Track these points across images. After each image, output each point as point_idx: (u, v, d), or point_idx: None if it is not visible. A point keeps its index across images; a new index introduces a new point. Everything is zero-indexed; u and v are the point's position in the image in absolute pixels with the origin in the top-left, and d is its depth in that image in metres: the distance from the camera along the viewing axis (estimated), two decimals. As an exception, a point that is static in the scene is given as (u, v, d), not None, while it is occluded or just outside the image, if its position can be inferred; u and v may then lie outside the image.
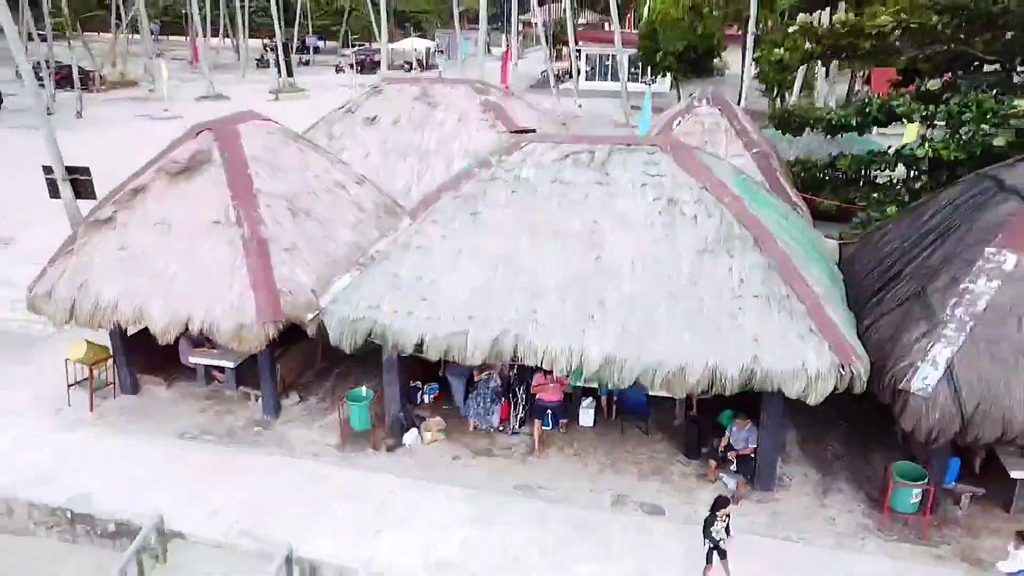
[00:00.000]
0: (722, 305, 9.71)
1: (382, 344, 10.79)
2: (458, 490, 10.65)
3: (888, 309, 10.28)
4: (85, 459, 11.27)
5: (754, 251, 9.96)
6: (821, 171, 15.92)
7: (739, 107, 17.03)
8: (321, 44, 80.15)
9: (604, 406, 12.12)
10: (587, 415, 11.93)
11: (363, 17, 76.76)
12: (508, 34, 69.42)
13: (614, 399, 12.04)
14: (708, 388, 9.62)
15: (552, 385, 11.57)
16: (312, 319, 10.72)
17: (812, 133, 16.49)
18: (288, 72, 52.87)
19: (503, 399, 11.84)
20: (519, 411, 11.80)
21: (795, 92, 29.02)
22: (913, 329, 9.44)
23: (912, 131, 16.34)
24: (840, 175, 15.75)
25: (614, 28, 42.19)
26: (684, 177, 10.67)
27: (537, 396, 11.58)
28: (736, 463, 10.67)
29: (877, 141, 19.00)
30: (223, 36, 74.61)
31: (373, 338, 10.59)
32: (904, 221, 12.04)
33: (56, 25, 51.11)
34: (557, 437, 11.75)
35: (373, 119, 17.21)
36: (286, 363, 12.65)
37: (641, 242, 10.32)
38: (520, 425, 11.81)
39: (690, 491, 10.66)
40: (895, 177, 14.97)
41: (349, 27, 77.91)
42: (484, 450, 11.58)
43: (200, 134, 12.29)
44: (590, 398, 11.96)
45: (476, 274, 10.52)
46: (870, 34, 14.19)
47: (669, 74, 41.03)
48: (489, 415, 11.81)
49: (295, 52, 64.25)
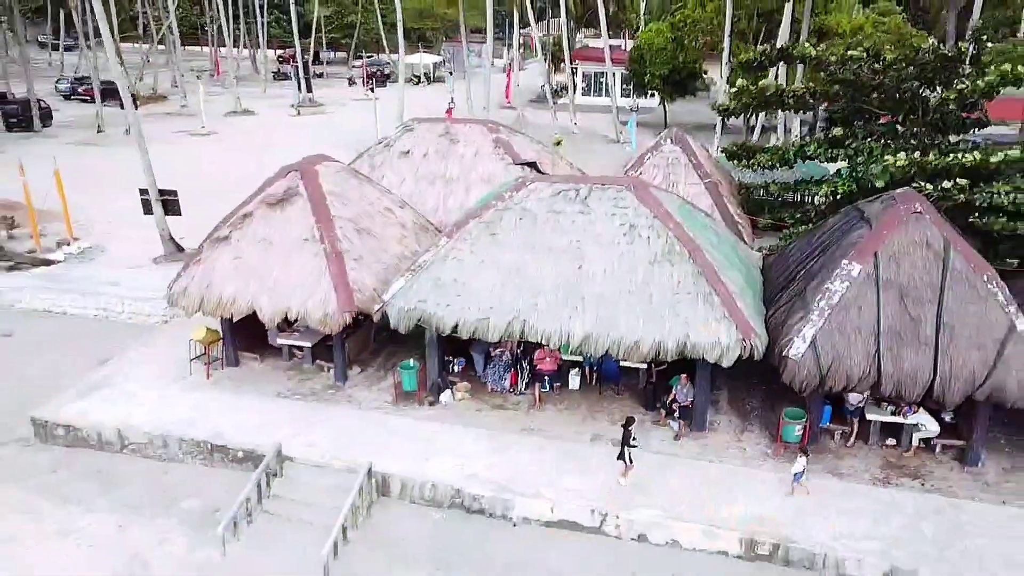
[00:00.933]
0: (665, 299, 14.06)
1: (426, 327, 15.15)
2: (480, 431, 15.01)
3: (784, 303, 14.65)
4: (212, 410, 15.64)
5: (689, 262, 14.31)
6: (759, 194, 20.20)
7: (696, 144, 21.26)
8: (331, 55, 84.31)
9: (587, 374, 16.47)
10: (574, 380, 16.28)
11: (372, 31, 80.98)
12: (509, 47, 73.57)
13: (594, 369, 16.39)
14: (656, 356, 14.01)
15: (548, 359, 15.93)
16: (378, 310, 15.08)
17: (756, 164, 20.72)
18: (308, 88, 56.94)
19: (512, 368, 16.20)
20: (524, 377, 16.16)
21: (757, 127, 33.20)
22: (795, 316, 13.79)
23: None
24: (773, 198, 20.01)
25: (604, 49, 46.25)
26: (642, 208, 15.02)
27: (537, 366, 15.94)
28: (679, 412, 15.03)
29: (825, 167, 23.14)
30: (242, 47, 78.53)
31: (421, 323, 14.95)
32: (804, 239, 16.42)
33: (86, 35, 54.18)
34: (552, 396, 16.10)
35: (407, 152, 21.58)
36: (350, 344, 16.97)
37: (610, 255, 14.67)
38: (525, 387, 16.17)
39: (647, 432, 14.96)
40: (820, 199, 19.20)
41: (360, 40, 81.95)
42: (498, 405, 15.94)
43: (289, 174, 16.68)
44: (576, 368, 16.30)
45: (494, 277, 14.86)
46: (792, 94, 18.58)
47: (657, 93, 45.31)
48: (502, 380, 16.18)
49: (312, 62, 67.86)
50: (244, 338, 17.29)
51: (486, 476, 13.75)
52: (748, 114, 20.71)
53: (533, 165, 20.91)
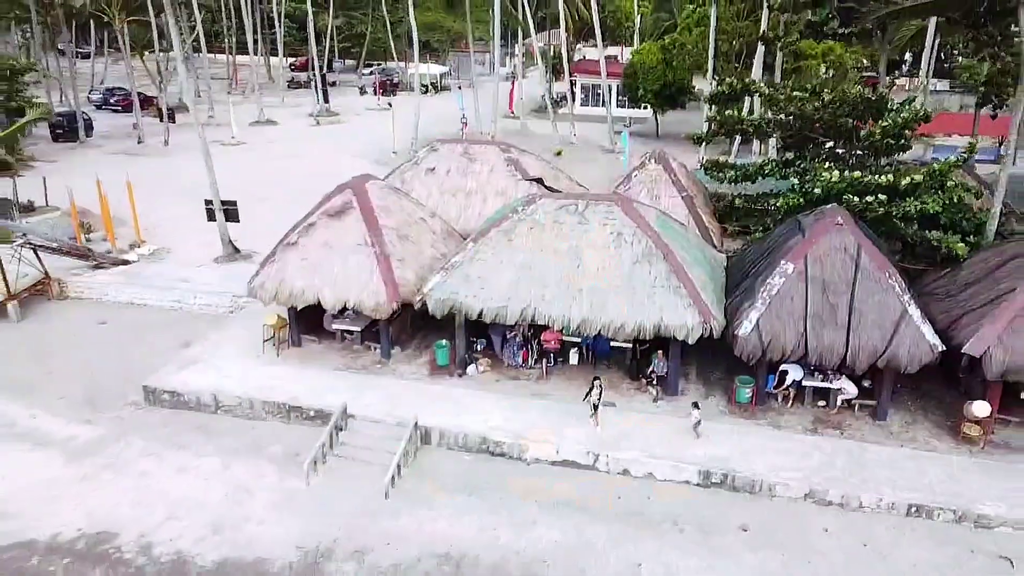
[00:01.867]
0: (644, 291, 18.06)
1: (456, 313, 19.13)
2: (500, 396, 19.01)
3: (738, 293, 18.67)
4: (285, 380, 19.65)
5: (663, 262, 18.30)
6: (729, 205, 24.11)
7: (675, 162, 25.19)
8: (341, 64, 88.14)
9: (584, 351, 20.46)
10: (574, 357, 20.29)
11: (382, 41, 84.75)
12: (512, 56, 77.31)
13: (590, 347, 20.37)
14: (637, 336, 18.00)
15: (553, 339, 19.92)
16: (420, 300, 19.08)
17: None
18: (325, 98, 60.79)
19: (524, 347, 20.20)
20: (534, 354, 20.17)
21: (736, 143, 37.15)
22: (745, 304, 17.80)
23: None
24: (739, 208, 23.90)
25: (600, 63, 50.13)
26: (627, 220, 19.01)
27: (544, 345, 19.93)
28: (657, 380, 19.02)
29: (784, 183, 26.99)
30: (258, 56, 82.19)
31: (453, 310, 18.94)
32: (758, 243, 20.42)
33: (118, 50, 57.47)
34: (556, 369, 20.10)
35: (432, 169, 25.55)
36: (393, 328, 20.96)
37: (602, 256, 18.66)
38: (534, 362, 20.16)
39: (631, 396, 19.00)
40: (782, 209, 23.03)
41: (370, 49, 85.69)
42: (513, 376, 19.94)
43: (344, 191, 20.67)
44: (575, 347, 20.29)
45: (511, 274, 18.84)
46: (751, 123, 22.57)
47: (649, 106, 49.31)
48: (516, 357, 20.19)
49: (326, 70, 71.45)
50: (304, 324, 21.30)
51: (505, 428, 17.76)
52: (721, 138, 24.62)
53: (539, 180, 24.90)
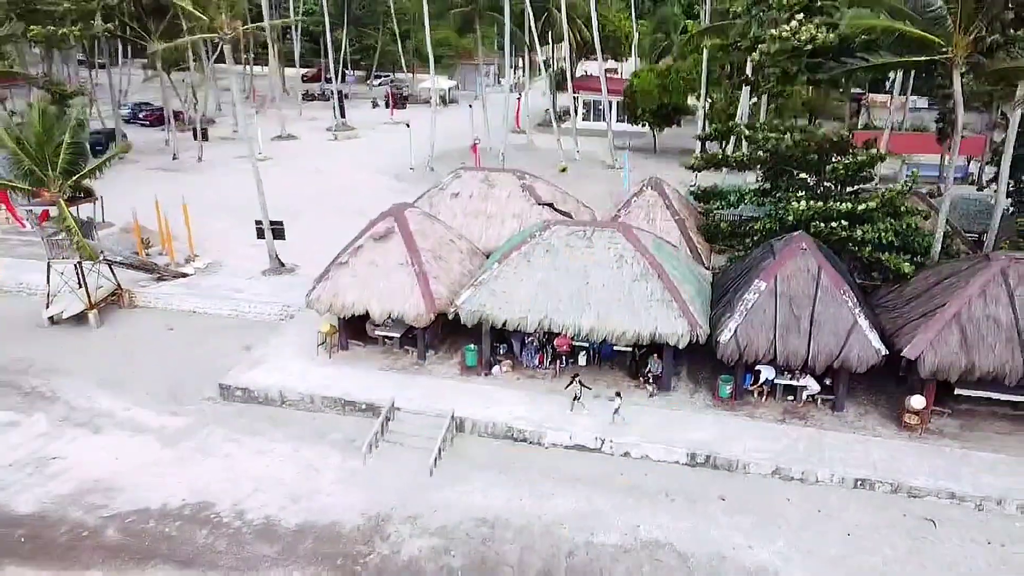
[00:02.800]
0: (642, 304, 21.65)
1: (484, 322, 22.71)
2: (520, 392, 22.60)
3: (721, 306, 22.27)
4: (339, 378, 23.23)
5: (657, 280, 21.89)
6: (715, 227, 27.63)
7: (669, 188, 28.68)
8: (353, 77, 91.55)
9: (591, 354, 24.05)
10: (583, 359, 23.88)
11: (391, 53, 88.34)
12: (517, 68, 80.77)
13: (596, 350, 23.97)
14: (636, 342, 21.61)
15: (565, 344, 23.51)
16: (454, 311, 22.67)
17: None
18: (341, 113, 64.24)
19: (540, 351, 23.80)
20: (548, 356, 23.77)
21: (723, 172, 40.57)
22: (726, 315, 21.41)
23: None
24: (724, 230, 27.40)
25: (600, 80, 53.42)
26: (627, 244, 22.62)
27: (557, 348, 23.52)
28: (653, 379, 22.62)
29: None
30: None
31: (481, 319, 22.53)
32: (738, 263, 24.02)
33: (151, 66, 59.75)
34: (567, 370, 23.69)
35: (456, 194, 29.12)
36: (428, 334, 24.53)
37: (606, 275, 22.24)
38: (549, 363, 23.76)
39: (630, 391, 22.60)
40: (759, 232, 26.49)
41: (380, 61, 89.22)
42: (531, 376, 23.53)
43: (387, 217, 24.26)
44: (584, 350, 23.88)
45: (530, 289, 22.42)
46: (734, 159, 26.18)
47: (647, 124, 52.90)
48: (533, 359, 23.79)
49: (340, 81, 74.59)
50: (350, 331, 24.89)
51: (526, 418, 21.37)
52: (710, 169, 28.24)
53: (551, 205, 28.49)
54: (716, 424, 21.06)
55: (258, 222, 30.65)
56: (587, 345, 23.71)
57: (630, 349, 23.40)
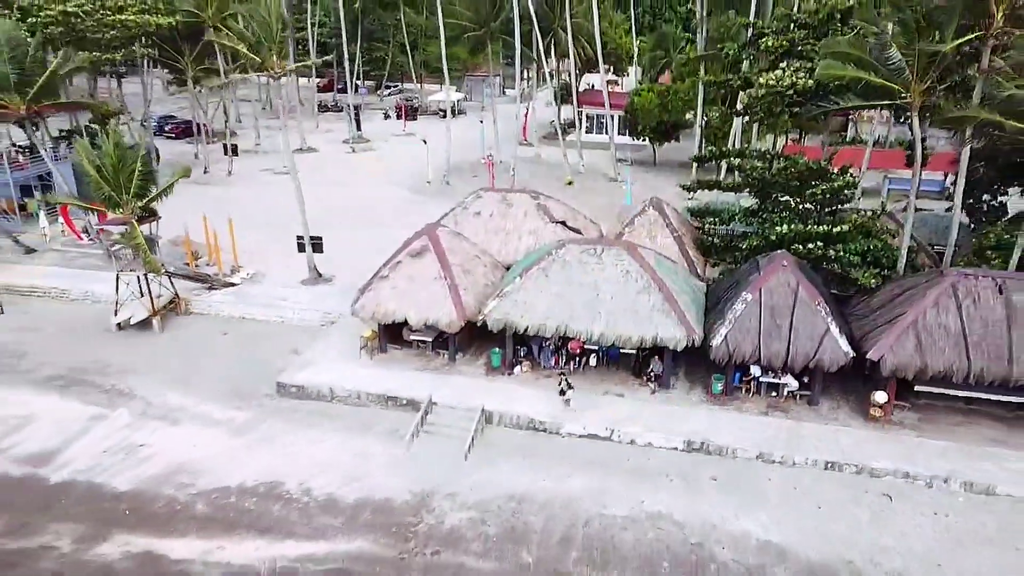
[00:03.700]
0: (645, 313, 25.07)
1: (507, 328, 26.12)
2: (539, 389, 26.01)
3: (714, 314, 25.71)
4: (380, 377, 26.63)
5: (659, 292, 25.32)
6: (710, 242, 31.04)
7: (669, 208, 32.11)
8: (364, 89, 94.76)
9: (600, 356, 27.46)
10: (593, 360, 27.30)
11: (400, 64, 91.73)
12: (525, 80, 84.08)
13: (604, 353, 27.38)
14: (640, 345, 25.05)
15: (577, 348, 26.92)
16: (482, 319, 26.08)
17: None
18: (357, 126, 67.56)
19: (556, 353, 27.22)
20: (563, 358, 27.20)
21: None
22: (718, 322, 24.83)
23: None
24: (717, 245, 30.79)
25: (604, 95, 56.80)
26: (632, 261, 26.04)
27: (571, 351, 26.95)
28: (655, 378, 26.06)
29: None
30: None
31: (505, 326, 25.95)
32: (729, 277, 27.45)
33: (179, 81, 62.41)
34: (579, 371, 27.11)
35: (478, 213, 32.54)
36: (457, 339, 27.93)
37: (614, 287, 25.67)
38: (564, 364, 27.18)
39: (635, 389, 26.03)
40: (747, 248, 29.84)
41: (390, 72, 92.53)
42: (547, 375, 26.94)
43: (421, 236, 27.68)
44: (594, 353, 27.29)
45: (547, 300, 25.83)
46: (727, 184, 29.60)
47: (647, 139, 56.33)
48: (550, 360, 27.22)
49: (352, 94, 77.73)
50: (388, 336, 28.30)
51: (545, 411, 24.79)
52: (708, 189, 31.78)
53: (563, 223, 31.91)
54: (709, 416, 24.50)
55: (299, 237, 34.02)
56: (597, 348, 27.09)
57: (634, 352, 26.79)
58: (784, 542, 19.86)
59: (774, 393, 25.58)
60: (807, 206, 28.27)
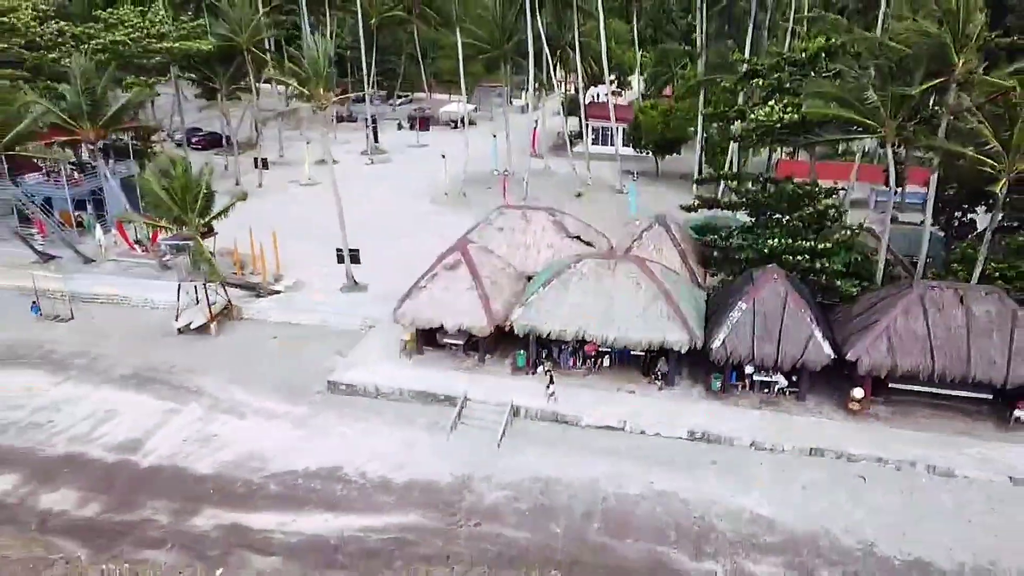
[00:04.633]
0: (653, 320, 28.64)
1: (531, 333, 29.68)
2: (559, 387, 29.56)
3: (715, 320, 29.29)
4: (419, 376, 30.20)
5: (665, 302, 28.89)
6: (710, 254, 34.59)
7: (674, 224, 35.64)
8: (379, 100, 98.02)
9: (613, 358, 31.00)
10: (607, 361, 30.86)
11: (411, 75, 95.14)
12: (533, 91, 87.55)
13: (617, 355, 30.93)
14: (649, 348, 28.64)
15: (593, 350, 30.48)
16: (509, 325, 29.64)
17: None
18: (375, 137, 70.94)
19: (574, 355, 30.79)
20: (580, 359, 30.77)
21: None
22: (717, 328, 28.41)
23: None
24: (717, 258, 34.34)
25: (609, 109, 60.27)
26: (642, 274, 29.60)
27: (587, 352, 30.51)
28: (661, 376, 29.63)
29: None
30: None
31: (530, 331, 29.51)
32: (726, 287, 31.05)
33: (206, 96, 65.65)
34: (595, 370, 30.66)
35: (501, 229, 36.10)
36: (487, 342, 31.44)
37: (626, 298, 29.22)
38: (581, 364, 30.75)
39: (644, 386, 29.60)
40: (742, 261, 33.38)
41: (402, 83, 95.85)
42: (567, 374, 30.48)
43: (454, 252, 31.25)
44: (607, 354, 30.84)
45: (567, 308, 29.36)
46: (724, 202, 33.28)
47: (651, 152, 59.95)
48: (568, 361, 30.80)
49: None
50: (424, 339, 31.86)
51: (566, 405, 28.34)
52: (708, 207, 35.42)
53: (578, 237, 35.48)
54: (709, 410, 28.08)
55: (339, 249, 37.56)
56: (610, 350, 30.63)
57: (643, 353, 30.32)
58: (773, 515, 23.45)
59: (766, 390, 29.13)
60: (796, 223, 31.81)
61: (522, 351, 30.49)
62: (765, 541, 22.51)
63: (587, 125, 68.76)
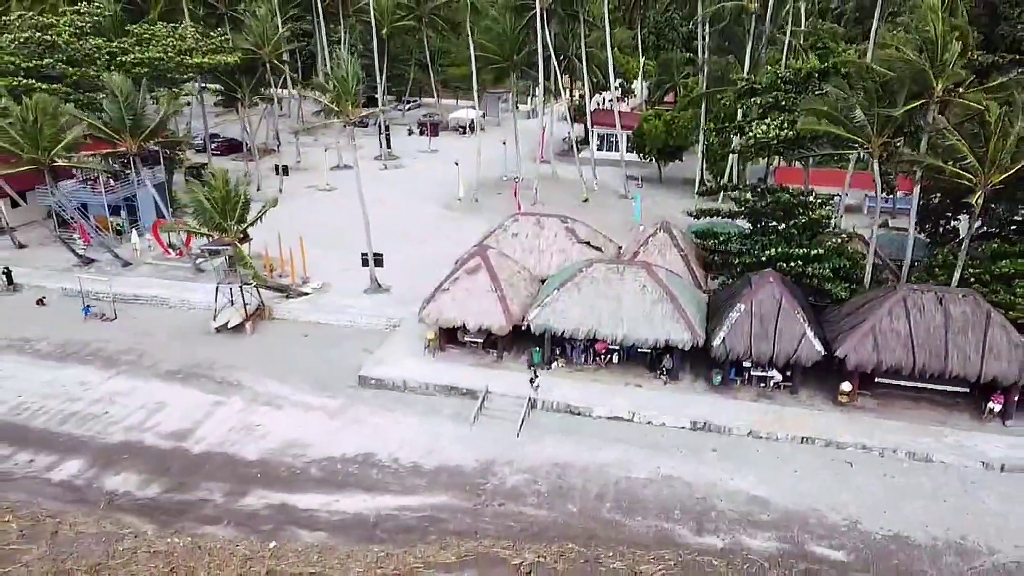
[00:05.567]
0: (658, 320, 31.18)
1: (546, 332, 32.23)
2: (573, 381, 32.11)
3: (716, 320, 31.83)
4: (443, 371, 32.77)
5: (670, 303, 31.43)
6: (711, 259, 37.11)
7: (677, 231, 38.19)
8: (391, 106, 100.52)
9: (622, 355, 33.55)
10: (615, 358, 33.42)
11: (419, 81, 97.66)
12: (542, 100, 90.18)
13: (626, 352, 33.47)
14: (655, 346, 31.21)
15: (604, 352, 33.02)
16: (526, 324, 32.20)
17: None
18: (387, 143, 73.44)
19: (585, 352, 33.35)
20: (591, 356, 33.33)
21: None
22: (718, 327, 30.96)
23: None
24: (717, 262, 36.86)
25: (615, 116, 62.84)
26: (648, 278, 32.15)
27: (598, 350, 33.07)
28: (666, 372, 32.19)
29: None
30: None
31: (545, 330, 32.06)
32: (726, 290, 33.61)
33: (226, 103, 68.29)
34: (605, 366, 33.21)
35: (516, 235, 38.65)
36: (505, 340, 33.98)
37: (633, 300, 31.77)
38: (591, 361, 33.31)
39: (650, 381, 32.16)
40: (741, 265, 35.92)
41: (410, 88, 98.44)
42: (579, 369, 33.03)
43: (474, 257, 33.80)
44: (616, 351, 33.38)
45: (579, 309, 31.91)
46: (726, 212, 35.83)
47: (654, 159, 62.53)
48: (580, 357, 33.35)
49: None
50: (448, 337, 34.42)
51: (578, 398, 30.91)
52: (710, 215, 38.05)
53: (587, 243, 38.03)
54: (710, 402, 30.65)
55: (364, 254, 40.12)
56: (618, 348, 33.18)
57: (649, 350, 32.86)
58: (768, 496, 26.01)
59: (762, 384, 31.66)
60: (792, 231, 34.37)
61: (537, 348, 33.04)
62: (761, 519, 25.05)
63: (593, 132, 71.50)
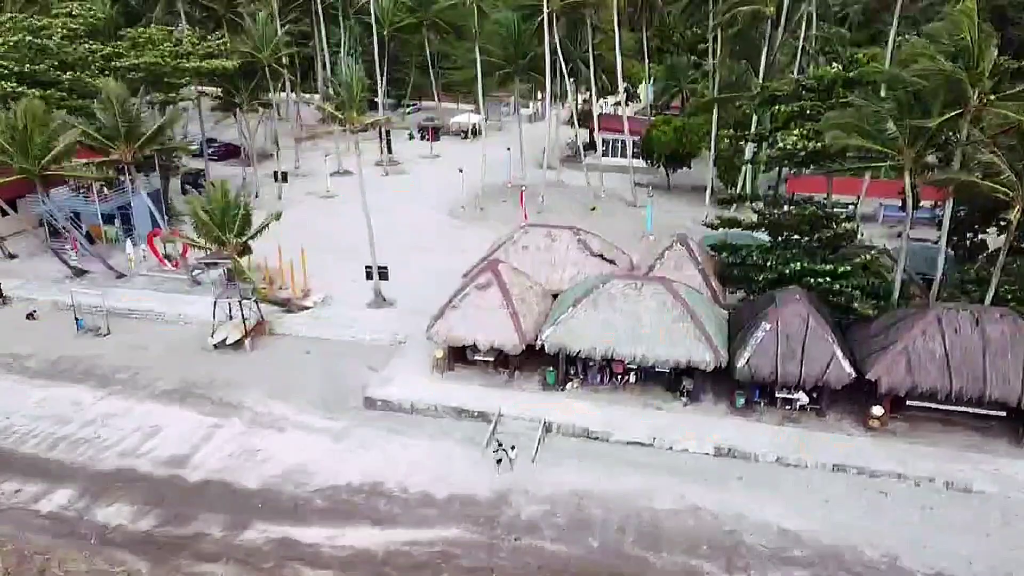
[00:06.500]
0: (678, 338, 29.76)
1: (560, 351, 30.78)
2: (589, 403, 30.65)
3: (738, 340, 30.43)
4: (452, 391, 31.30)
5: (690, 321, 30.01)
6: (729, 272, 35.74)
7: (694, 244, 36.80)
8: (391, 109, 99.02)
9: (639, 375, 32.11)
10: (633, 378, 31.98)
11: (420, 84, 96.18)
12: (550, 105, 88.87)
13: (643, 372, 32.04)
14: (675, 366, 29.79)
15: (621, 372, 31.58)
16: (540, 343, 30.74)
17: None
18: (388, 148, 71.94)
19: (601, 372, 31.90)
20: (608, 376, 31.88)
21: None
22: (741, 346, 29.56)
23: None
24: (736, 276, 35.49)
25: (623, 122, 61.38)
26: (667, 294, 30.73)
27: (614, 370, 31.63)
28: (687, 393, 30.75)
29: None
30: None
31: (560, 348, 30.61)
32: (747, 306, 32.22)
33: (223, 108, 66.57)
34: (623, 387, 31.78)
35: (526, 247, 37.20)
36: (513, 360, 32.55)
37: (652, 317, 30.34)
38: (608, 381, 31.87)
39: (671, 402, 30.73)
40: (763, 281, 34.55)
41: (411, 91, 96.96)
42: (595, 390, 31.61)
43: (485, 272, 32.35)
44: (634, 371, 31.95)
45: (595, 327, 30.48)
46: (747, 224, 34.53)
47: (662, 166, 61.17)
48: (596, 378, 31.91)
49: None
50: (456, 355, 32.94)
51: (596, 421, 29.46)
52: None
53: (601, 256, 36.60)
54: (734, 426, 29.23)
55: (368, 267, 38.64)
56: (636, 368, 31.76)
57: (668, 371, 31.42)
58: (799, 529, 24.59)
59: (788, 406, 30.27)
60: (814, 245, 33.00)
61: (551, 368, 31.60)
62: (794, 554, 23.63)
63: (600, 137, 69.97)
